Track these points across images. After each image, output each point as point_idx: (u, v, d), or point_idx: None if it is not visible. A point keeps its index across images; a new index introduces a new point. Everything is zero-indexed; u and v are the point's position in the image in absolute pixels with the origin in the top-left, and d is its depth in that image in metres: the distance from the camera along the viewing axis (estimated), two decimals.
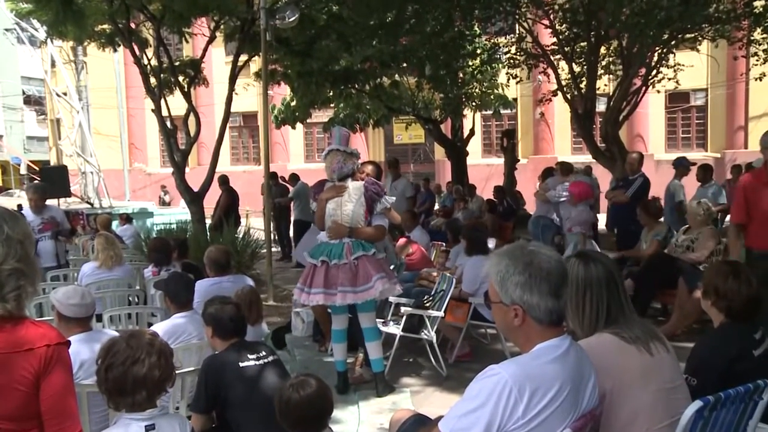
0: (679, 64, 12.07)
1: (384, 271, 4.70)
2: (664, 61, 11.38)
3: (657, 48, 10.59)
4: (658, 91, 13.26)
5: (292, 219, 12.08)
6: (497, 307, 1.97)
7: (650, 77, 11.38)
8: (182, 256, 6.31)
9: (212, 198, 11.51)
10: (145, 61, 10.94)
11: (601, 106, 14.10)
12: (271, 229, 9.92)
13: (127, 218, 12.08)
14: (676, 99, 20.57)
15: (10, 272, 1.83)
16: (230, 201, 11.30)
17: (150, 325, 4.93)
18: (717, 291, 2.75)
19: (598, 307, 2.27)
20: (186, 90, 11.16)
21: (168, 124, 10.84)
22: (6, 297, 1.82)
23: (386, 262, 4.94)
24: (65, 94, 21.19)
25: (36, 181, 14.14)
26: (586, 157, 18.39)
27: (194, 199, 10.63)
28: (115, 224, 12.03)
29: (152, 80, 11.01)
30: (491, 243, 7.26)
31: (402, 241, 7.37)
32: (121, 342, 2.24)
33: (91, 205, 16.67)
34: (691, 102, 21.27)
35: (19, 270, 1.84)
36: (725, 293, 2.72)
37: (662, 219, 7.54)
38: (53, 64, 22.71)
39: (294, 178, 12.40)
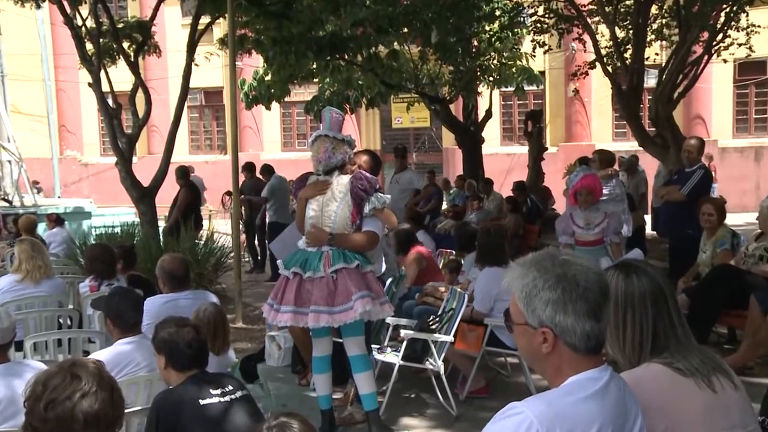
0: (753, 26, 12.05)
1: (368, 287, 4.72)
2: (733, 22, 11.38)
3: (724, 5, 10.60)
4: (725, 61, 13.30)
5: (266, 222, 12.09)
6: (521, 330, 1.97)
7: (715, 43, 11.42)
8: (128, 267, 6.30)
9: (167, 195, 11.50)
10: (79, 22, 10.93)
11: (650, 81, 14.17)
12: (241, 233, 9.95)
13: (57, 219, 12.04)
14: (748, 70, 20.47)
15: None
16: (190, 199, 11.30)
17: (87, 353, 4.93)
18: None
19: (642, 329, 2.28)
20: (132, 59, 11.16)
21: (110, 102, 10.83)
22: None
23: (375, 277, 4.93)
24: None
25: None
26: (631, 145, 18.45)
27: (144, 197, 10.64)
28: (41, 227, 11.98)
29: (88, 46, 11.00)
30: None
31: (414, 253, 7.23)
32: (62, 372, 2.22)
33: (9, 203, 16.60)
34: None
35: None
36: None
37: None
38: None
39: (267, 170, 12.40)
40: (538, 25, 13.14)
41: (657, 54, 14.50)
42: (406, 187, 10.01)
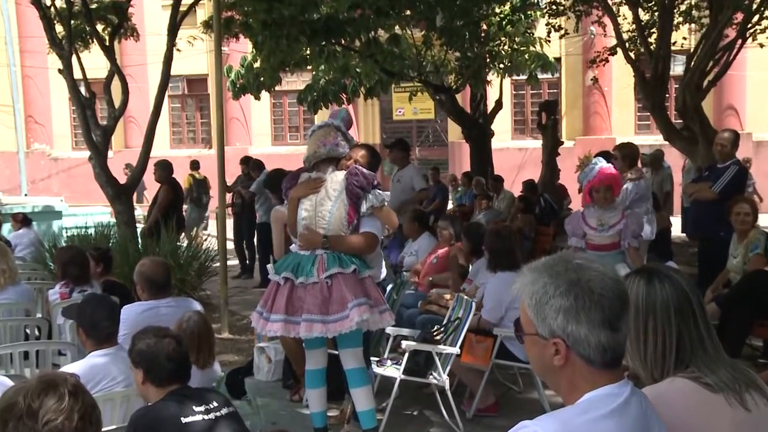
0: None
1: (366, 294, 4.74)
2: None
3: None
4: (761, 45, 13.32)
5: (256, 221, 12.10)
6: (531, 341, 1.98)
7: (750, 26, 11.41)
8: (104, 271, 6.32)
9: (146, 193, 11.50)
10: (48, 2, 10.94)
11: (677, 68, 14.21)
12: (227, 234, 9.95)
13: (23, 219, 12.05)
14: None
15: None
16: (172, 197, 11.30)
17: (56, 367, 4.94)
18: None
19: (665, 339, 2.28)
20: (107, 44, 11.17)
21: (83, 90, 10.83)
22: None
23: (374, 283, 4.94)
24: None
25: None
26: (655, 138, 18.46)
27: (120, 195, 10.64)
28: (6, 228, 12.00)
29: (58, 29, 11.01)
30: None
31: (458, 248, 7.22)
32: (36, 387, 2.22)
33: None
34: None
35: None
36: None
37: None
38: None
39: (257, 166, 12.42)
40: (554, 6, 13.16)
41: (685, 38, 14.53)
42: (407, 186, 9.96)
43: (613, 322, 1.89)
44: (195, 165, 16.19)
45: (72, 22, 10.95)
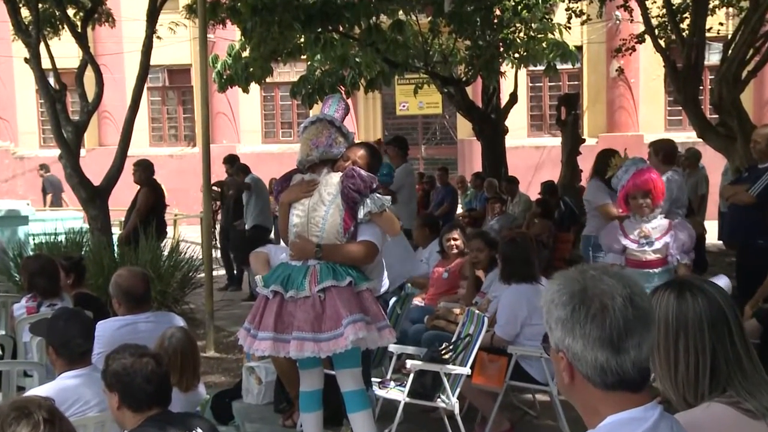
0: None
1: (363, 309, 4.74)
2: None
3: None
4: None
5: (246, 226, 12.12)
6: (552, 352, 2.02)
7: None
8: (75, 283, 6.33)
9: (123, 196, 11.52)
10: None
11: (713, 57, 14.21)
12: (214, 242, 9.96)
13: None
14: None
15: None
16: (152, 201, 11.31)
17: (22, 390, 4.94)
18: None
19: (698, 359, 2.28)
20: (80, 30, 11.19)
21: (52, 82, 10.85)
22: None
23: (374, 297, 4.94)
24: None
25: None
26: (687, 136, 18.43)
27: (94, 198, 10.66)
28: None
29: (24, 13, 11.02)
30: None
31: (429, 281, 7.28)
32: (8, 413, 2.21)
33: None
34: None
35: None
36: None
37: None
38: None
39: (243, 170, 12.41)
40: None
41: (721, 24, 14.50)
42: (397, 187, 9.70)
43: (614, 342, 1.88)
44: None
45: (40, 5, 10.97)
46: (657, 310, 2.30)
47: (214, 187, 11.90)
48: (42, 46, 10.83)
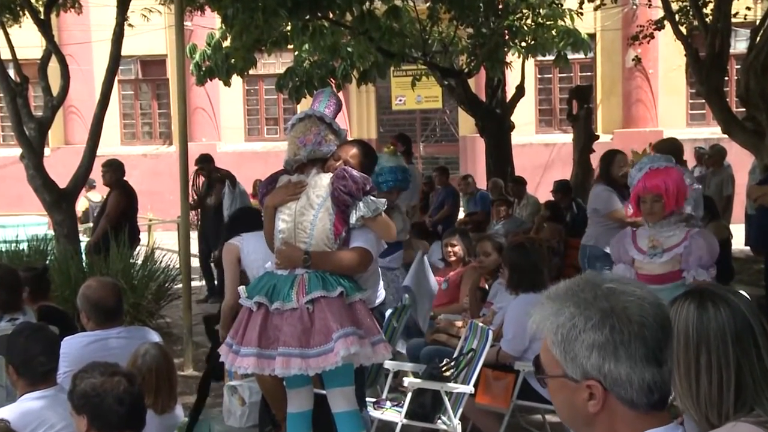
0: None
1: (356, 322, 4.74)
2: None
3: None
4: None
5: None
6: (558, 385, 1.97)
7: None
8: (39, 296, 6.30)
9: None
10: None
11: (739, 45, 14.23)
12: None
13: None
14: None
15: None
16: (123, 204, 11.32)
17: None
18: None
19: (721, 375, 2.29)
20: (43, 17, 11.17)
21: (12, 74, 10.82)
22: None
23: (368, 309, 4.95)
24: None
25: None
26: (711, 131, 18.49)
27: (60, 201, 10.64)
28: None
29: None
30: None
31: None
32: None
33: None
34: None
35: None
36: None
37: None
38: None
39: (219, 178, 12.41)
40: None
41: (749, 8, 14.57)
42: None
43: (657, 355, 1.88)
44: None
45: None
46: (676, 322, 2.30)
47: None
48: (1, 35, 10.81)
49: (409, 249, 7.31)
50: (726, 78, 13.36)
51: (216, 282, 12.53)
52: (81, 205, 15.48)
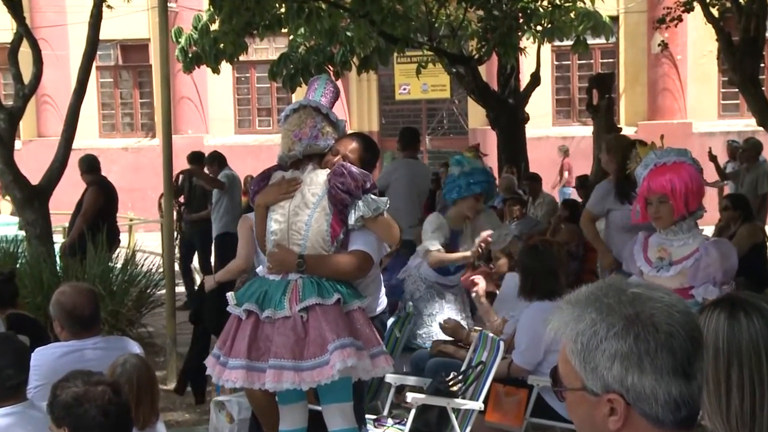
0: None
1: (353, 332, 4.75)
2: None
3: None
4: None
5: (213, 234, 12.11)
6: (577, 398, 1.98)
7: None
8: (7, 303, 6.33)
9: (67, 197, 11.53)
10: None
11: None
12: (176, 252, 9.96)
13: None
14: None
15: None
16: (101, 202, 11.33)
17: None
18: None
19: (754, 391, 2.29)
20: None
21: None
22: None
23: (367, 318, 4.96)
24: None
25: None
26: (746, 123, 18.49)
27: (32, 199, 10.64)
28: None
29: None
30: None
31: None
32: None
33: None
34: None
35: None
36: None
37: None
38: None
39: (216, 159, 12.42)
40: None
41: None
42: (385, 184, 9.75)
43: (686, 368, 1.87)
44: None
45: None
46: (704, 333, 2.31)
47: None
48: None
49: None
50: (762, 65, 13.35)
51: (196, 288, 12.52)
52: None
